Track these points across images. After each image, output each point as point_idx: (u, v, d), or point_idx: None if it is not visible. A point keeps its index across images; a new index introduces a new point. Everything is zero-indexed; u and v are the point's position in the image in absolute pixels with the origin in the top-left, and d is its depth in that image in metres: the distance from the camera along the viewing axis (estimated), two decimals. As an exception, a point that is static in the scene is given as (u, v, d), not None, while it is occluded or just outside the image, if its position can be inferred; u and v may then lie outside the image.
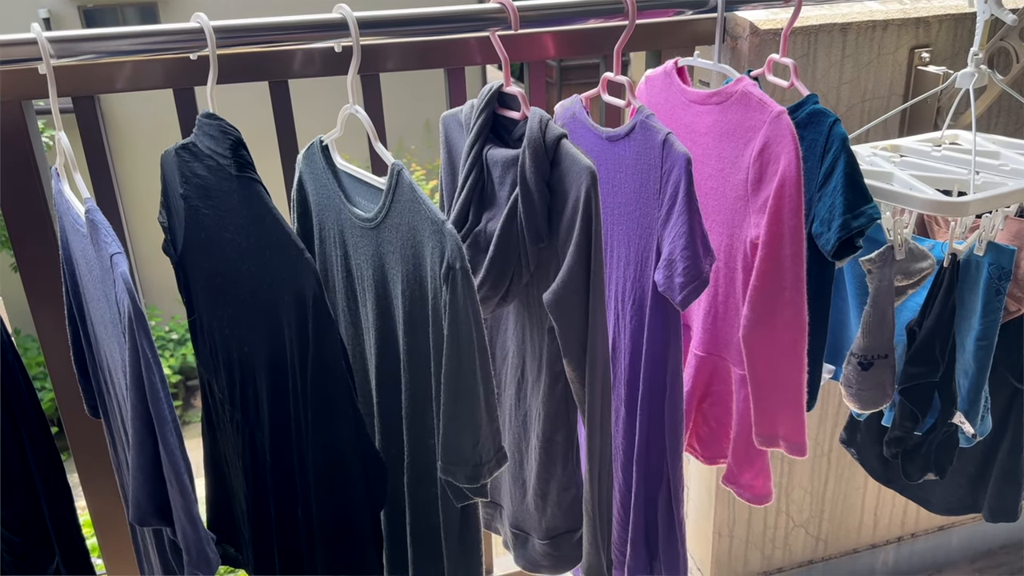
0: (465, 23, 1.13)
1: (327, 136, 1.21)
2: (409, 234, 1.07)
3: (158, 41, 1.00)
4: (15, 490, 1.04)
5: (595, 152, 1.27)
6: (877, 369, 1.31)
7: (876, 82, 1.74)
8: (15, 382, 1.02)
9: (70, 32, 0.95)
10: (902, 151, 1.48)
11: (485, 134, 1.20)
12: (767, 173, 1.13)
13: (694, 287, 1.12)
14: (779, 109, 1.11)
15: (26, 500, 1.05)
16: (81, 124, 1.41)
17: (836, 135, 1.15)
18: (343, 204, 1.19)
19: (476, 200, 1.22)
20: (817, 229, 1.19)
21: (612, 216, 1.26)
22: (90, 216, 0.94)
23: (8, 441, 1.02)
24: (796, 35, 1.64)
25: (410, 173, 1.05)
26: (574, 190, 1.09)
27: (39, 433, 1.06)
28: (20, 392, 1.04)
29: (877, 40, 1.70)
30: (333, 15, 1.06)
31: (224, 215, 1.11)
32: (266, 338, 1.11)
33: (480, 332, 1.03)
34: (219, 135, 1.05)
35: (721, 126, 1.21)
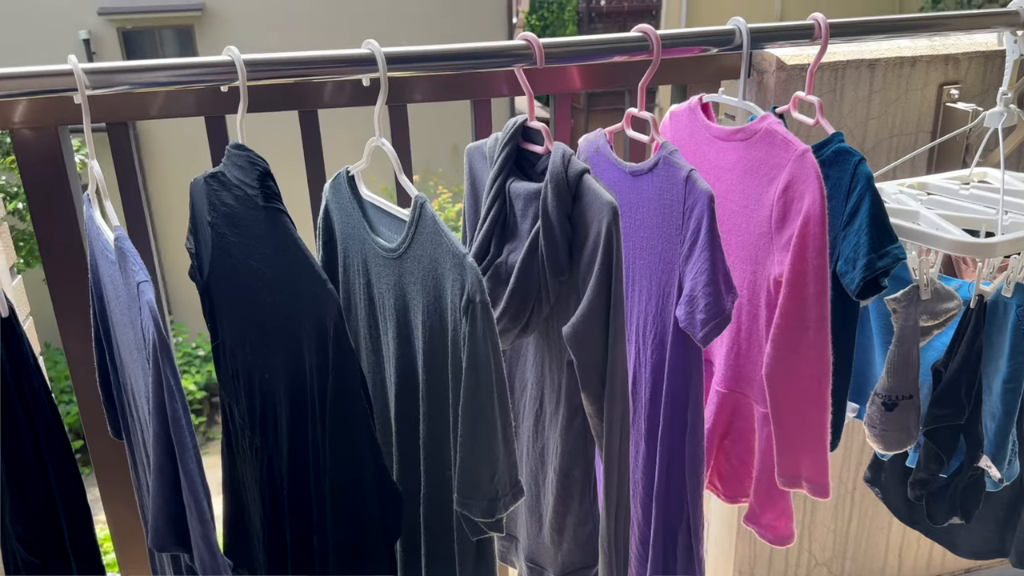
0: (491, 59, 1.14)
1: (354, 167, 1.22)
2: (431, 265, 1.08)
3: (191, 73, 1.03)
4: (37, 512, 1.06)
5: (618, 186, 1.28)
6: (901, 410, 1.29)
7: (904, 118, 1.73)
8: (40, 406, 1.04)
9: (105, 64, 0.97)
10: (929, 189, 1.47)
11: (508, 167, 1.21)
12: (791, 211, 1.13)
13: (715, 324, 1.11)
14: (803, 148, 1.11)
15: (46, 521, 1.07)
16: (114, 150, 1.44)
17: (861, 174, 1.14)
18: (367, 234, 1.20)
19: (498, 232, 1.22)
20: (842, 268, 1.18)
21: (635, 250, 1.26)
22: (119, 244, 0.96)
23: (32, 465, 1.03)
24: (823, 70, 1.64)
25: (436, 197, 1.07)
26: (595, 225, 1.09)
27: (63, 458, 1.08)
28: (45, 415, 1.05)
29: (905, 76, 1.70)
30: (362, 50, 1.07)
31: (250, 244, 1.12)
32: (287, 366, 1.12)
33: (499, 365, 1.03)
34: (247, 165, 1.07)
35: (745, 163, 1.21)
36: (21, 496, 1.03)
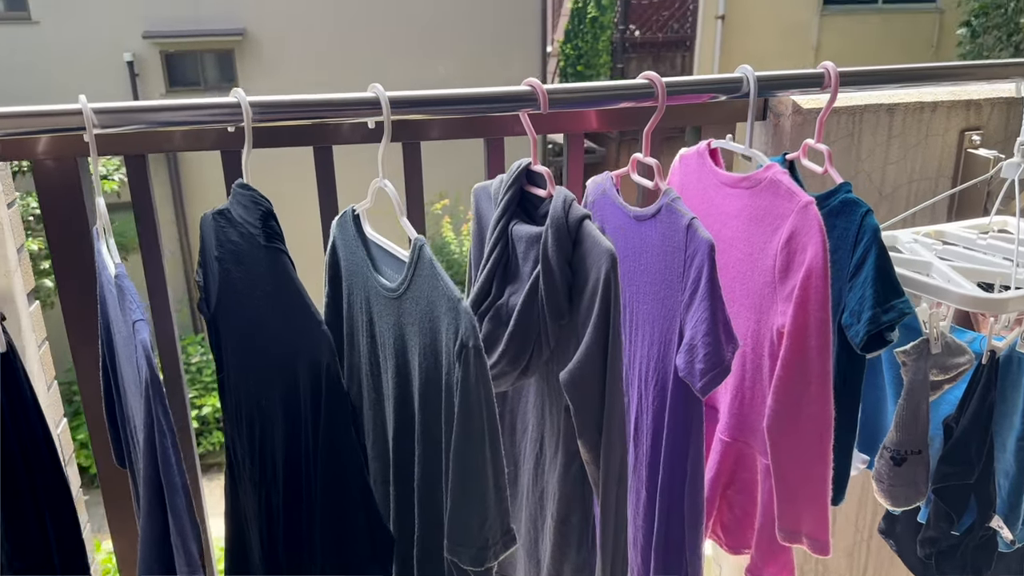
0: (496, 104, 1.15)
1: (359, 205, 1.24)
2: (427, 308, 1.08)
3: (198, 115, 1.04)
4: (31, 545, 1.07)
5: (623, 231, 1.27)
6: (910, 465, 1.26)
7: (924, 163, 1.70)
8: (36, 440, 1.05)
9: (114, 104, 1.00)
10: (946, 237, 1.44)
11: (512, 210, 1.21)
12: (794, 263, 1.11)
13: (714, 375, 1.09)
14: (807, 199, 1.09)
15: (40, 555, 1.08)
16: (132, 182, 1.47)
17: (868, 226, 1.13)
18: (370, 272, 1.21)
19: (500, 274, 1.22)
20: (847, 320, 1.16)
21: (638, 295, 1.26)
22: (119, 282, 0.98)
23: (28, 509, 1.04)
24: (840, 114, 1.63)
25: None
26: (595, 271, 1.09)
27: (60, 500, 1.08)
28: (40, 451, 1.06)
29: (926, 121, 1.67)
30: (367, 94, 1.09)
31: (253, 280, 1.13)
32: (284, 403, 1.13)
33: (491, 411, 1.02)
34: (251, 205, 1.08)
35: (751, 211, 1.20)
36: (15, 533, 1.04)
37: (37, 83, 9.15)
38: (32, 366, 1.52)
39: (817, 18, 10.20)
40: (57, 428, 1.64)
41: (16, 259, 1.50)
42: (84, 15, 9.36)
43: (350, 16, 9.96)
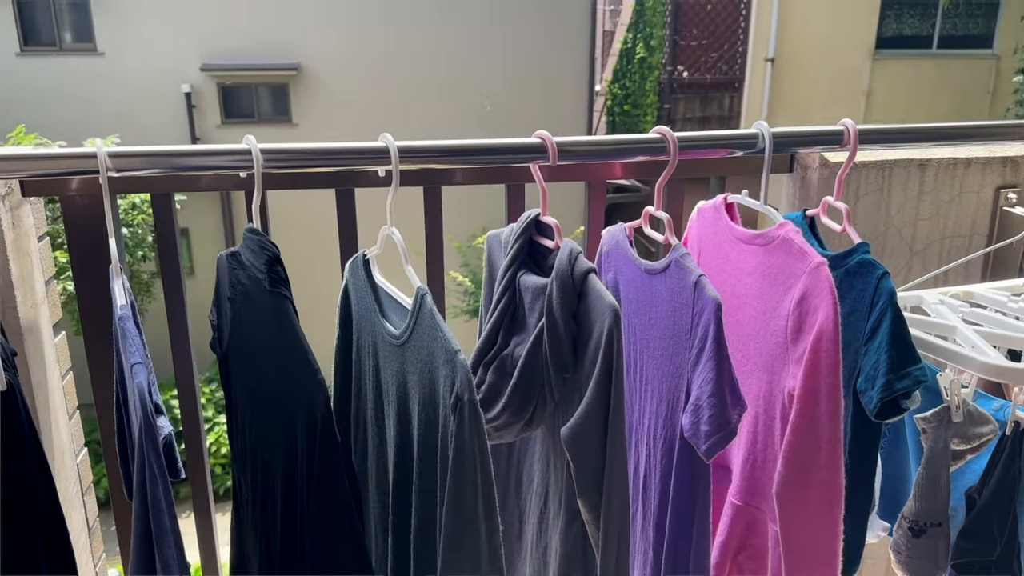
0: (507, 155, 1.15)
1: (370, 251, 1.24)
2: (427, 358, 1.07)
3: (211, 160, 1.06)
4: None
5: (634, 284, 1.26)
6: (929, 537, 1.20)
7: (957, 221, 1.66)
8: (33, 478, 1.06)
9: (128, 148, 1.02)
10: (975, 299, 1.39)
11: (520, 260, 1.20)
12: (805, 324, 1.08)
13: (719, 438, 1.06)
14: (818, 260, 1.06)
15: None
16: (157, 220, 1.50)
17: (884, 289, 1.09)
18: (377, 318, 1.21)
19: (506, 324, 1.21)
20: (862, 385, 1.12)
21: (648, 350, 1.23)
22: (121, 323, 0.99)
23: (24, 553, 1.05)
24: (869, 168, 1.59)
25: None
26: (598, 326, 1.07)
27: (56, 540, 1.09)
28: (38, 489, 1.07)
29: (959, 177, 1.63)
30: (377, 143, 1.09)
31: (260, 324, 1.14)
32: (283, 446, 1.13)
33: (485, 467, 1.01)
34: (258, 250, 1.10)
35: (764, 268, 1.17)
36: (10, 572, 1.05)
37: (101, 112, 9.51)
38: (55, 395, 1.55)
39: (869, 62, 10.09)
40: (77, 457, 1.67)
41: (44, 291, 1.54)
42: (146, 47, 9.72)
43: (401, 54, 10.17)
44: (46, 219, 1.56)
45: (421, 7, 10.05)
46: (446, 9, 10.10)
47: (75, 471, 1.66)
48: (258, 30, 9.94)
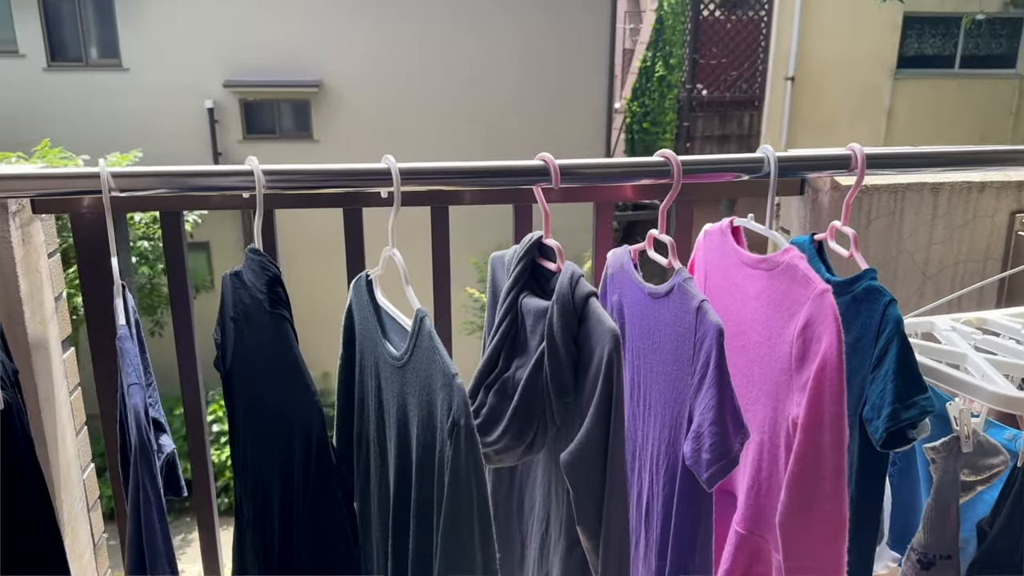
0: (509, 177, 1.14)
1: (373, 271, 1.24)
2: (426, 381, 1.06)
3: (214, 181, 1.07)
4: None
5: (638, 307, 1.24)
6: (939, 570, 1.17)
7: (971, 245, 1.63)
8: (28, 496, 1.06)
9: (131, 168, 1.03)
10: (988, 326, 1.37)
11: (522, 282, 1.20)
12: (809, 352, 1.06)
13: (720, 466, 1.05)
14: (822, 287, 1.05)
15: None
16: (166, 238, 1.51)
17: (891, 316, 1.07)
18: (379, 338, 1.21)
19: (508, 346, 1.20)
20: (868, 414, 1.10)
21: (651, 374, 1.22)
22: (119, 343, 1.00)
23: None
24: (881, 192, 1.58)
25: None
26: (598, 351, 1.06)
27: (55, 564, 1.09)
28: (33, 508, 1.07)
29: (973, 202, 1.61)
30: (379, 165, 1.09)
31: (260, 344, 1.14)
32: (280, 467, 1.12)
33: (482, 493, 1.00)
34: (259, 270, 1.10)
35: (769, 294, 1.16)
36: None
37: (125, 126, 9.63)
38: (62, 411, 1.56)
39: (890, 82, 10.04)
40: (84, 473, 1.67)
41: (53, 307, 1.55)
42: (170, 63, 9.85)
43: (421, 71, 10.24)
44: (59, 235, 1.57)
45: (442, 25, 10.13)
46: (466, 27, 10.17)
47: (81, 487, 1.66)
48: (281, 47, 10.05)
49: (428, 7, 10.08)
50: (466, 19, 10.17)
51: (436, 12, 10.09)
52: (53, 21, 9.79)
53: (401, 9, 10.06)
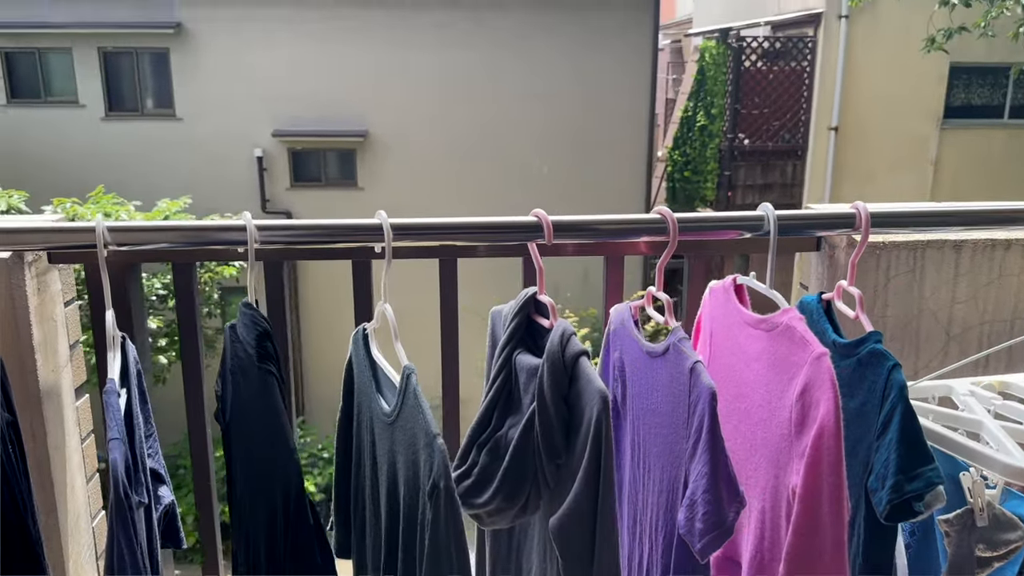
0: (502, 233, 1.14)
1: (369, 325, 1.24)
2: (412, 439, 1.05)
3: (203, 236, 1.08)
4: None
5: (637, 365, 1.22)
6: (956, 653, 1.10)
7: (998, 304, 1.57)
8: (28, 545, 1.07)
9: (127, 223, 1.04)
10: (1012, 390, 1.31)
11: (517, 338, 1.18)
12: (808, 418, 1.02)
13: (714, 536, 1.00)
14: (820, 351, 1.01)
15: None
16: (177, 289, 1.53)
17: (894, 382, 1.03)
18: (373, 393, 1.20)
19: (502, 404, 1.18)
20: (873, 485, 1.05)
21: (651, 436, 1.18)
22: (105, 397, 1.00)
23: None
24: (900, 249, 1.53)
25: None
26: (588, 412, 1.03)
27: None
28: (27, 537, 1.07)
29: (998, 260, 1.55)
30: (372, 220, 1.10)
31: (251, 399, 1.14)
32: (265, 523, 1.11)
33: (461, 556, 0.97)
34: (250, 324, 1.10)
35: (769, 355, 1.12)
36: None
37: (177, 174, 9.94)
38: (72, 458, 1.58)
39: (937, 132, 9.87)
40: (93, 521, 1.68)
41: (67, 355, 1.57)
42: (222, 114, 10.18)
43: (464, 120, 10.41)
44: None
45: (482, 75, 10.31)
46: (510, 77, 10.33)
47: (90, 534, 1.66)
48: (328, 99, 10.31)
49: (469, 59, 10.28)
50: (506, 70, 10.34)
51: (476, 64, 10.29)
52: (112, 74, 10.21)
53: (443, 61, 10.28)
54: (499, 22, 10.22)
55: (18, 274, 1.39)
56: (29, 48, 10.02)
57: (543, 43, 10.24)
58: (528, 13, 10.19)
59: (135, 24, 9.88)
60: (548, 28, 10.23)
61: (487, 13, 10.20)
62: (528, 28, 10.22)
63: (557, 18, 10.23)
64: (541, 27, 10.22)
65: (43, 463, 1.48)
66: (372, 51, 10.20)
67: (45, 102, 10.18)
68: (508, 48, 10.26)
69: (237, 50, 10.08)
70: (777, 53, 10.21)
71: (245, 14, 10.02)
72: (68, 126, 10.14)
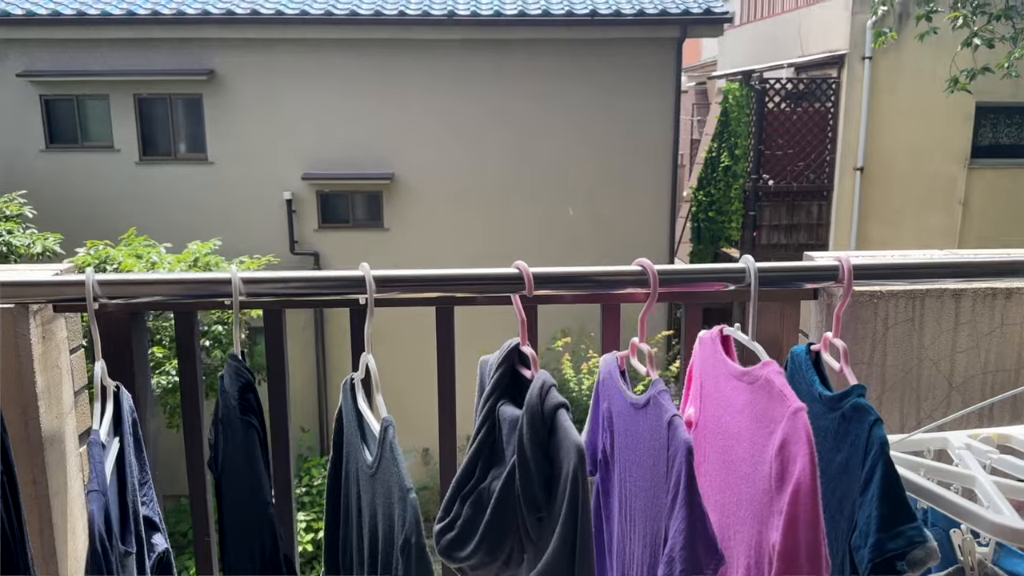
0: (485, 285, 1.15)
1: (356, 376, 1.25)
2: (388, 492, 1.05)
3: (191, 288, 1.10)
4: None
5: (623, 416, 1.21)
6: None
7: (1000, 354, 1.54)
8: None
9: (115, 276, 1.07)
10: (1011, 443, 1.28)
11: (500, 389, 1.18)
12: (786, 474, 1.01)
13: (692, 593, 0.99)
14: (797, 406, 1.00)
15: None
16: (178, 336, 1.56)
17: (875, 438, 1.01)
18: (359, 444, 1.21)
19: (486, 455, 1.18)
20: (856, 542, 1.03)
21: (635, 489, 1.17)
22: (88, 448, 1.02)
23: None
24: (899, 297, 1.51)
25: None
26: (565, 466, 1.03)
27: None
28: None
29: (999, 309, 1.53)
30: (355, 272, 1.11)
31: (235, 448, 1.16)
32: (247, 567, 1.11)
33: (434, 613, 0.96)
34: (234, 376, 1.12)
35: (752, 408, 1.11)
36: None
37: (208, 216, 10.15)
38: (74, 504, 1.60)
39: (964, 171, 9.78)
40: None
41: (71, 402, 1.60)
42: (253, 158, 10.40)
43: (489, 162, 10.52)
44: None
45: (509, 118, 10.43)
46: (533, 120, 10.44)
47: None
48: (356, 142, 10.49)
49: (491, 103, 10.42)
50: (529, 113, 10.45)
51: (500, 107, 10.42)
52: (147, 119, 10.50)
53: (467, 104, 10.43)
54: (521, 66, 10.37)
55: (23, 323, 1.42)
56: (68, 95, 10.34)
57: (567, 87, 10.36)
58: (552, 58, 10.34)
59: (170, 71, 10.18)
60: (572, 73, 10.36)
61: (509, 58, 10.37)
62: (551, 72, 10.36)
63: (581, 63, 10.36)
64: (564, 72, 10.35)
65: (43, 508, 1.50)
66: (398, 95, 10.39)
67: (82, 147, 10.47)
68: (531, 92, 10.39)
69: (267, 95, 10.32)
70: (800, 94, 10.22)
71: (275, 60, 10.27)
72: (103, 170, 10.42)
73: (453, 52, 10.39)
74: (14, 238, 7.96)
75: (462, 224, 10.60)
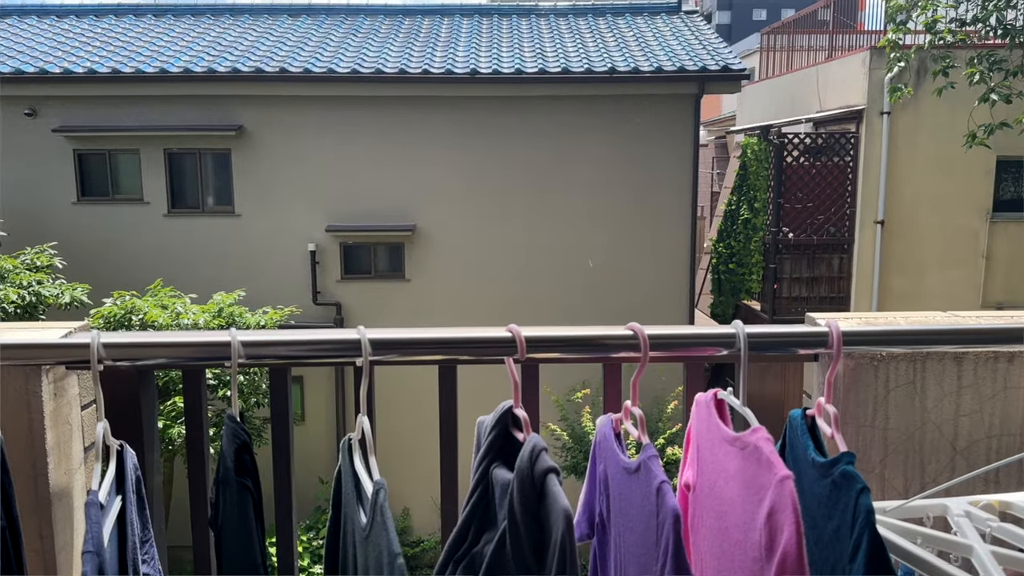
0: (476, 347, 1.17)
1: (353, 436, 1.27)
2: (379, 555, 1.06)
3: (193, 351, 1.13)
4: None
5: (617, 480, 1.22)
6: None
7: (1005, 418, 1.53)
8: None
9: (117, 339, 1.11)
10: (1014, 510, 1.26)
11: (494, 452, 1.19)
12: (775, 543, 1.00)
13: (679, 663, 0.98)
14: (783, 474, 1.00)
15: None
16: (186, 395, 1.58)
17: (862, 507, 1.01)
18: (355, 504, 1.22)
19: (479, 518, 1.19)
20: (846, 611, 1.02)
21: (628, 554, 1.17)
22: (85, 509, 1.04)
23: None
24: (899, 360, 1.51)
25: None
26: (554, 532, 1.04)
27: None
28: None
29: (1002, 372, 1.52)
30: (351, 335, 1.14)
31: (231, 508, 1.17)
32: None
33: None
34: (231, 437, 1.14)
35: (743, 474, 1.11)
36: None
37: (234, 267, 10.32)
38: (80, 559, 1.61)
39: (986, 225, 9.72)
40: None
41: (81, 458, 1.63)
42: (279, 210, 10.60)
43: (509, 214, 10.64)
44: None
45: (529, 171, 10.57)
46: (553, 173, 10.57)
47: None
48: (379, 195, 10.67)
49: (514, 156, 10.58)
50: (549, 166, 10.58)
51: (521, 160, 10.57)
52: (176, 173, 10.76)
53: (489, 158, 10.60)
54: (542, 121, 10.55)
55: (35, 380, 1.46)
56: (100, 149, 10.64)
57: (587, 141, 10.51)
58: (572, 114, 10.50)
59: (200, 127, 10.46)
60: (591, 127, 10.50)
61: (530, 113, 10.55)
62: (572, 127, 10.52)
63: (600, 118, 10.51)
64: (584, 126, 10.50)
65: (49, 563, 1.52)
66: (421, 148, 10.59)
67: (112, 199, 10.74)
68: (552, 146, 10.54)
69: (294, 150, 10.56)
70: (819, 148, 10.27)
71: (302, 116, 10.53)
72: (133, 222, 10.66)
73: (475, 108, 10.60)
74: (43, 288, 8.12)
75: (483, 276, 10.68)
